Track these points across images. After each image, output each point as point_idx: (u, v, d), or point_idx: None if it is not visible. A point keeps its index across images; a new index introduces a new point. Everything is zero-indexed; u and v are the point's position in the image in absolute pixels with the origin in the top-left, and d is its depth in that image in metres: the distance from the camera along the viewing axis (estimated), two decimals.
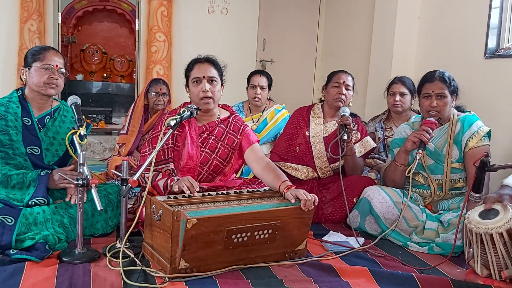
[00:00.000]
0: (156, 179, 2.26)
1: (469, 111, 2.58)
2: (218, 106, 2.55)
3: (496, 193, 1.94)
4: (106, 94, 7.25)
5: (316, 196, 2.04)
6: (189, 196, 2.04)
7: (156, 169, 2.31)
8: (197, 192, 2.09)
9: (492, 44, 3.31)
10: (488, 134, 2.45)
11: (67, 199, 2.24)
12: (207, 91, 2.35)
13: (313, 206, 2.01)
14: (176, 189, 2.10)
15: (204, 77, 2.37)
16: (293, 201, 2.03)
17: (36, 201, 2.14)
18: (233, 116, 2.54)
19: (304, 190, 2.06)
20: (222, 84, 2.47)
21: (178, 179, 2.17)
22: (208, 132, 2.45)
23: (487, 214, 1.87)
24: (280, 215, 1.95)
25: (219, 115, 2.51)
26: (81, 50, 7.27)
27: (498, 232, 1.78)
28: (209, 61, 2.43)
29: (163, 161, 2.34)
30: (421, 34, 4.00)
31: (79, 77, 7.11)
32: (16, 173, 2.16)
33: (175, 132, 2.34)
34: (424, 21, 3.97)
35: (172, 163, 2.34)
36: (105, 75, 7.34)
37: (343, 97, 2.91)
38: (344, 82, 2.92)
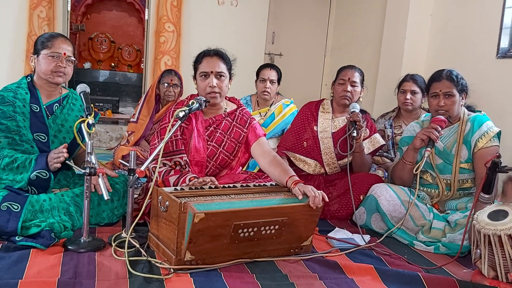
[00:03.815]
0: (168, 174, 2.23)
1: (480, 111, 2.56)
2: (226, 98, 2.51)
3: None
4: (113, 83, 7.22)
5: (324, 194, 2.01)
6: (201, 188, 2.04)
7: (166, 161, 2.29)
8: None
9: (504, 44, 3.27)
10: (498, 135, 2.42)
11: (92, 190, 2.16)
12: (214, 86, 2.32)
13: (322, 204, 1.99)
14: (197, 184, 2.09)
15: (212, 72, 2.33)
16: (300, 197, 2.01)
17: (38, 174, 2.11)
18: (240, 109, 2.51)
19: (312, 187, 2.04)
20: (230, 78, 2.43)
21: (190, 179, 2.14)
22: (215, 126, 2.42)
23: (496, 215, 1.85)
24: (288, 211, 1.94)
25: (225, 108, 2.48)
26: (89, 38, 7.23)
27: (507, 233, 1.76)
28: (218, 54, 2.37)
29: (171, 153, 2.32)
30: (433, 32, 3.97)
31: (87, 65, 7.09)
32: (22, 155, 2.16)
33: (182, 124, 2.32)
34: (436, 19, 3.93)
35: (185, 155, 2.31)
36: (112, 64, 7.31)
37: (349, 94, 2.88)
38: (349, 78, 2.88)
